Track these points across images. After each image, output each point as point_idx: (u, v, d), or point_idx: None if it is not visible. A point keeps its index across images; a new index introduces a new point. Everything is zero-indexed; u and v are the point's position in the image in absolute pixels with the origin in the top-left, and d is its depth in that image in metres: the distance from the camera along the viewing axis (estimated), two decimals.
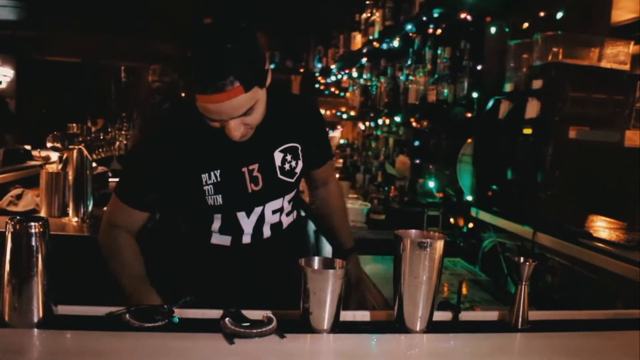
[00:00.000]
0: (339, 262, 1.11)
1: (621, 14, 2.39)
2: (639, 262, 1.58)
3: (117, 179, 1.53)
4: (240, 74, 1.19)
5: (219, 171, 1.40)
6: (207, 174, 1.39)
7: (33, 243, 1.00)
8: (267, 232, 1.49)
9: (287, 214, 1.55)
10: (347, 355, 1.02)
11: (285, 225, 1.54)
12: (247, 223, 1.46)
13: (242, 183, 1.43)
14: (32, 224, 1.00)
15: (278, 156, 1.47)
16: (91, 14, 6.27)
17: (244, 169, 1.43)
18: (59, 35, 6.76)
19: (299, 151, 1.51)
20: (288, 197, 1.52)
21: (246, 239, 1.47)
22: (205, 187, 1.40)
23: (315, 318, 1.06)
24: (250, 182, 1.44)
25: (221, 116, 1.25)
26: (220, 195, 1.40)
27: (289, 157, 1.49)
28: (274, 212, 1.49)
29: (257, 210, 1.46)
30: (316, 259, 1.12)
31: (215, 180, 1.40)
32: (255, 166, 1.44)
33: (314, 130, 1.59)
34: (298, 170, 1.51)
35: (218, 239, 1.47)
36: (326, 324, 1.06)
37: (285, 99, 1.55)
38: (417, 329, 1.11)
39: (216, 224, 1.45)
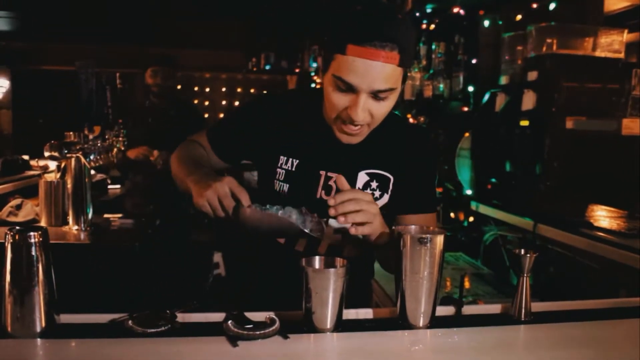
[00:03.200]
0: (340, 260, 1.11)
1: (614, 3, 2.40)
2: None
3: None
4: (400, 45, 1.14)
5: (297, 161, 1.35)
6: (285, 158, 1.36)
7: (33, 253, 1.00)
8: (322, 249, 1.40)
9: (354, 245, 1.40)
10: (352, 353, 1.02)
11: (345, 253, 1.39)
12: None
13: (314, 184, 1.35)
14: (32, 233, 1.00)
15: (362, 178, 1.36)
16: (84, 22, 6.27)
17: (322, 172, 1.35)
18: (53, 44, 6.76)
19: (390, 183, 1.38)
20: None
21: (299, 246, 1.39)
22: (278, 170, 1.36)
23: (318, 317, 1.06)
24: (323, 188, 1.35)
25: (362, 80, 1.15)
26: (287, 185, 1.35)
27: (374, 184, 1.36)
28: (335, 231, 1.37)
29: None
30: (317, 258, 1.12)
31: (289, 168, 1.35)
32: (335, 176, 1.31)
33: (416, 168, 1.40)
34: (381, 203, 1.36)
35: None
36: (329, 323, 1.06)
37: (396, 124, 1.42)
38: (420, 324, 1.11)
39: None
